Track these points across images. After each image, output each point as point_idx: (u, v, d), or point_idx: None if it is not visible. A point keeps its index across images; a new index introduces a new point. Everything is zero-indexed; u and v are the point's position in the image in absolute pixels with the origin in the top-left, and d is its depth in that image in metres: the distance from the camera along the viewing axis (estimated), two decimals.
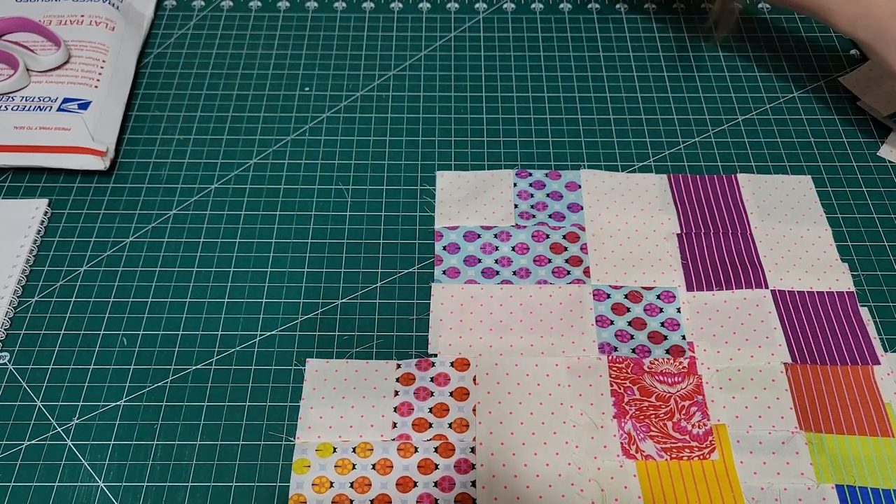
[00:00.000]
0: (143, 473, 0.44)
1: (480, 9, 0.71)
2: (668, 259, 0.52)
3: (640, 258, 0.52)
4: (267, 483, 0.44)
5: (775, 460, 0.44)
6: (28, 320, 0.50)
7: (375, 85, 0.64)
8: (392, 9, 0.71)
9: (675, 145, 0.60)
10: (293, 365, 0.48)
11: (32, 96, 0.60)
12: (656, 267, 0.52)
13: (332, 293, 0.52)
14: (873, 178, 0.58)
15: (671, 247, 0.53)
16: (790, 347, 0.48)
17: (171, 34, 0.68)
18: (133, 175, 0.58)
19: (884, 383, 0.47)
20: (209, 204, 0.56)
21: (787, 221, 0.54)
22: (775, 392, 0.46)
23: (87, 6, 0.66)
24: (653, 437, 0.45)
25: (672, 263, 0.52)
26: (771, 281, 0.51)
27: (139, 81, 0.65)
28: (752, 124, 0.61)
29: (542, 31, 0.69)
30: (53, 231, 0.55)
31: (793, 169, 0.58)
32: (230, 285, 0.52)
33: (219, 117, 0.62)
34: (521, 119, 0.62)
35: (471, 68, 0.66)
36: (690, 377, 0.47)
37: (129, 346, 0.49)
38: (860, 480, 0.43)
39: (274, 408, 0.47)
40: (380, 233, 0.55)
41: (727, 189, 0.57)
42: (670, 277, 0.51)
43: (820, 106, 0.63)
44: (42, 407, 0.47)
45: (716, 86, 0.64)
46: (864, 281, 0.52)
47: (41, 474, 0.44)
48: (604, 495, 0.43)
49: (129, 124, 0.61)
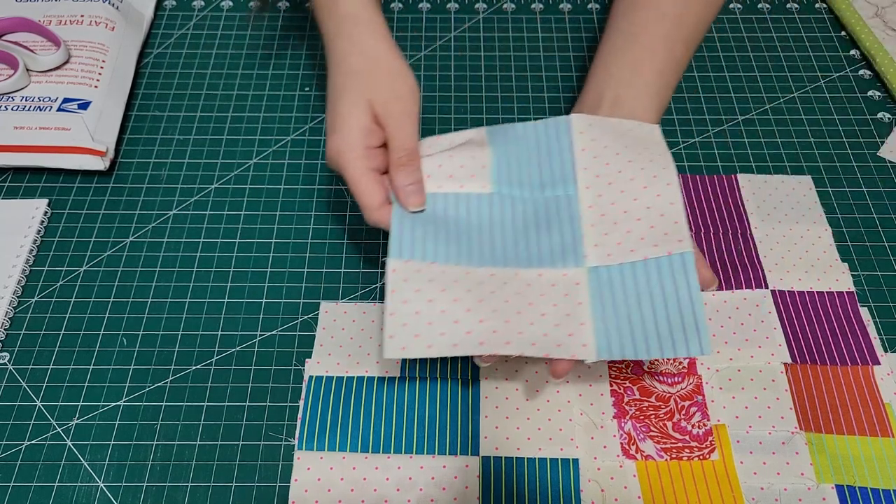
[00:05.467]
0: (143, 473, 0.44)
1: (480, 9, 0.71)
2: None
3: None
4: (267, 483, 0.44)
5: (775, 460, 0.44)
6: (28, 320, 0.50)
7: None
8: (392, 9, 0.71)
9: (676, 145, 0.60)
10: (293, 365, 0.48)
11: (32, 96, 0.60)
12: None
13: (332, 293, 0.52)
14: (873, 178, 0.58)
15: None
16: (790, 347, 0.48)
17: (171, 34, 0.68)
18: (133, 175, 0.58)
19: (884, 383, 0.47)
20: (209, 204, 0.56)
21: (787, 222, 0.54)
22: (775, 392, 0.46)
23: (87, 6, 0.66)
24: (653, 437, 0.45)
25: None
26: (771, 281, 0.51)
27: (139, 81, 0.65)
28: (752, 124, 0.61)
29: (542, 31, 0.69)
30: (53, 231, 0.55)
31: (793, 169, 0.58)
32: (230, 285, 0.52)
33: (219, 117, 0.62)
34: (521, 119, 0.62)
35: (471, 68, 0.66)
36: (690, 377, 0.47)
37: (128, 347, 0.49)
38: (860, 480, 0.43)
39: (274, 408, 0.47)
40: (380, 233, 0.55)
41: (727, 189, 0.56)
42: None
43: (820, 106, 0.63)
44: (42, 407, 0.47)
45: (716, 86, 0.64)
46: (864, 281, 0.52)
47: (41, 474, 0.44)
48: (604, 495, 0.43)
49: (129, 124, 0.61)
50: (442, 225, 0.44)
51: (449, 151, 0.47)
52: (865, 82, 0.64)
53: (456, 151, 0.47)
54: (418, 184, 0.44)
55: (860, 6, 0.69)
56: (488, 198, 0.45)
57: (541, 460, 0.44)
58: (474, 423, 0.45)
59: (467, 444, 0.44)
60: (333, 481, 0.43)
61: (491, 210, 0.45)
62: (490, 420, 0.45)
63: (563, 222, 0.44)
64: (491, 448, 0.44)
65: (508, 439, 0.44)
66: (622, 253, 0.42)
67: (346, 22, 0.47)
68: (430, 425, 0.45)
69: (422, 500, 0.42)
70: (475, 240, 0.44)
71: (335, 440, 0.44)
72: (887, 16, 0.68)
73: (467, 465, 0.44)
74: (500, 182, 0.46)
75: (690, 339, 0.39)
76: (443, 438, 0.45)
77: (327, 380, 0.47)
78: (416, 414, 0.46)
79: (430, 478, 0.43)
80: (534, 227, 0.44)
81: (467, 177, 0.46)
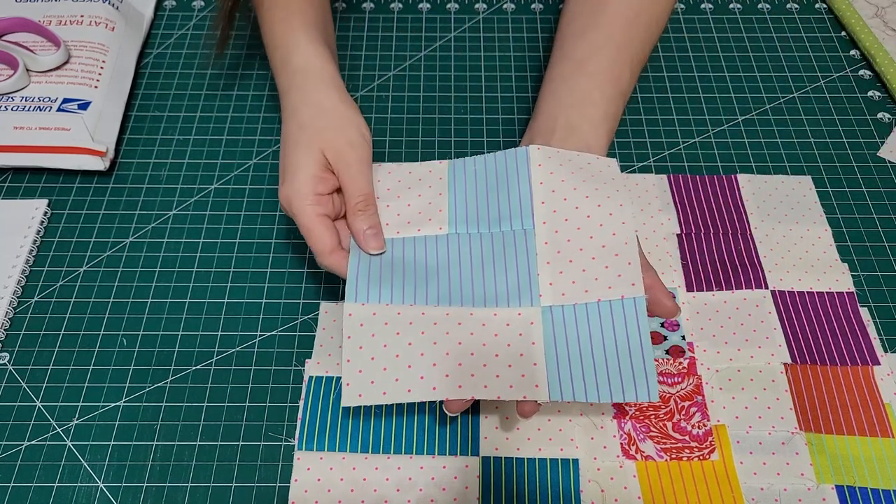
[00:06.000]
0: (143, 474, 0.44)
1: (480, 9, 0.71)
2: (667, 259, 0.52)
3: None
4: (267, 483, 0.44)
5: (775, 461, 0.44)
6: (28, 320, 0.50)
7: (375, 85, 0.64)
8: (392, 9, 0.71)
9: (675, 145, 0.60)
10: (293, 365, 0.48)
11: (32, 96, 0.60)
12: (656, 267, 0.52)
13: (332, 294, 0.52)
14: (873, 178, 0.58)
15: (671, 247, 0.53)
16: (790, 348, 0.48)
17: (171, 34, 0.68)
18: (133, 175, 0.58)
19: (884, 384, 0.47)
20: (209, 204, 0.56)
21: (787, 221, 0.54)
22: (775, 392, 0.46)
23: (87, 6, 0.66)
24: (652, 437, 0.45)
25: (672, 264, 0.52)
26: (771, 281, 0.51)
27: (139, 81, 0.65)
28: (752, 124, 0.61)
29: (541, 32, 0.69)
30: (53, 231, 0.55)
31: (793, 169, 0.58)
32: (230, 285, 0.52)
33: (219, 117, 0.62)
34: (521, 119, 0.62)
35: (471, 68, 0.66)
36: (690, 377, 0.47)
37: (128, 347, 0.49)
38: (860, 481, 0.43)
39: (274, 408, 0.47)
40: None
41: (727, 189, 0.56)
42: (670, 278, 0.51)
43: (820, 106, 0.63)
44: (42, 407, 0.47)
45: (716, 86, 0.64)
46: (864, 281, 0.52)
47: (41, 475, 0.44)
48: (604, 496, 0.43)
49: (129, 124, 0.61)
50: (398, 267, 0.45)
51: (406, 199, 0.47)
52: (865, 82, 0.64)
53: (413, 199, 0.47)
54: (376, 227, 0.45)
55: (860, 6, 0.69)
56: (445, 238, 0.46)
57: (541, 461, 0.44)
58: (474, 424, 0.45)
59: (467, 444, 0.44)
60: (333, 482, 0.43)
61: (448, 249, 0.45)
62: (490, 420, 0.45)
63: (519, 258, 0.44)
64: (491, 448, 0.44)
65: (508, 440, 0.44)
66: (576, 293, 0.42)
67: (297, 76, 0.49)
68: (429, 426, 0.45)
69: (422, 500, 0.42)
70: (432, 279, 0.44)
71: (335, 440, 0.44)
72: (887, 16, 0.68)
73: (467, 465, 0.44)
74: (457, 223, 0.46)
75: (639, 386, 0.39)
76: (443, 439, 0.45)
77: (327, 380, 0.47)
78: (416, 414, 0.46)
79: (430, 478, 0.43)
80: (490, 263, 0.44)
81: (424, 221, 0.47)
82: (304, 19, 0.51)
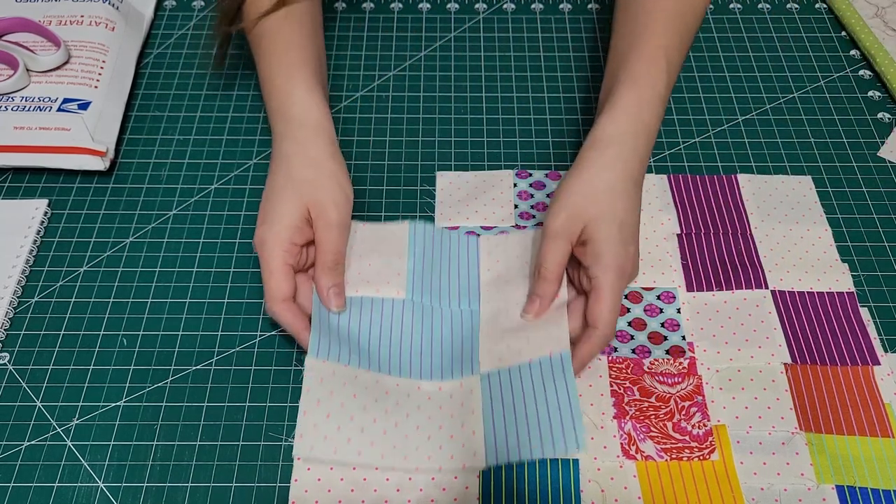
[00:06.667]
0: (143, 474, 0.44)
1: (480, 9, 0.71)
2: (668, 259, 0.52)
3: (640, 258, 0.52)
4: (267, 484, 0.44)
5: (775, 461, 0.44)
6: (28, 320, 0.50)
7: (375, 85, 0.64)
8: (392, 9, 0.71)
9: (675, 145, 0.60)
10: (293, 366, 0.48)
11: (32, 96, 0.60)
12: (656, 267, 0.52)
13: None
14: (873, 178, 0.58)
15: (671, 247, 0.53)
16: (790, 348, 0.48)
17: (171, 34, 0.68)
18: (133, 175, 0.58)
19: (884, 384, 0.47)
20: (209, 204, 0.56)
21: (787, 222, 0.54)
22: (775, 392, 0.46)
23: (87, 6, 0.65)
24: (653, 437, 0.45)
25: (672, 264, 0.52)
26: (771, 281, 0.51)
27: (139, 81, 0.65)
28: (752, 124, 0.61)
29: (542, 31, 0.69)
30: (53, 231, 0.55)
31: (793, 169, 0.58)
32: (230, 285, 0.52)
33: (219, 117, 0.62)
34: (521, 119, 0.62)
35: (471, 68, 0.66)
36: (690, 378, 0.47)
37: (128, 347, 0.49)
38: (860, 481, 0.43)
39: (274, 408, 0.47)
40: None
41: (727, 189, 0.56)
42: (670, 278, 0.51)
43: (820, 106, 0.63)
44: (42, 407, 0.47)
45: (716, 86, 0.64)
46: (864, 281, 0.52)
47: (41, 475, 0.44)
48: (604, 496, 0.43)
49: (129, 124, 0.61)
50: (355, 328, 0.47)
51: (367, 259, 0.50)
52: (865, 82, 0.64)
53: (374, 259, 0.50)
54: (340, 286, 0.47)
55: (860, 6, 0.69)
56: (401, 304, 0.49)
57: (541, 461, 0.44)
58: None
59: None
60: (333, 481, 0.43)
61: (403, 317, 0.48)
62: None
63: (465, 335, 0.48)
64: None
65: None
66: (511, 356, 0.45)
67: (293, 124, 0.49)
68: None
69: (422, 500, 0.42)
70: (386, 346, 0.47)
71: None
72: (887, 16, 0.68)
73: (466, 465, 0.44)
74: (414, 290, 0.49)
75: (568, 437, 0.41)
76: None
77: None
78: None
79: (430, 478, 0.43)
80: (440, 337, 0.48)
81: (383, 283, 0.49)
82: (301, 55, 0.52)
